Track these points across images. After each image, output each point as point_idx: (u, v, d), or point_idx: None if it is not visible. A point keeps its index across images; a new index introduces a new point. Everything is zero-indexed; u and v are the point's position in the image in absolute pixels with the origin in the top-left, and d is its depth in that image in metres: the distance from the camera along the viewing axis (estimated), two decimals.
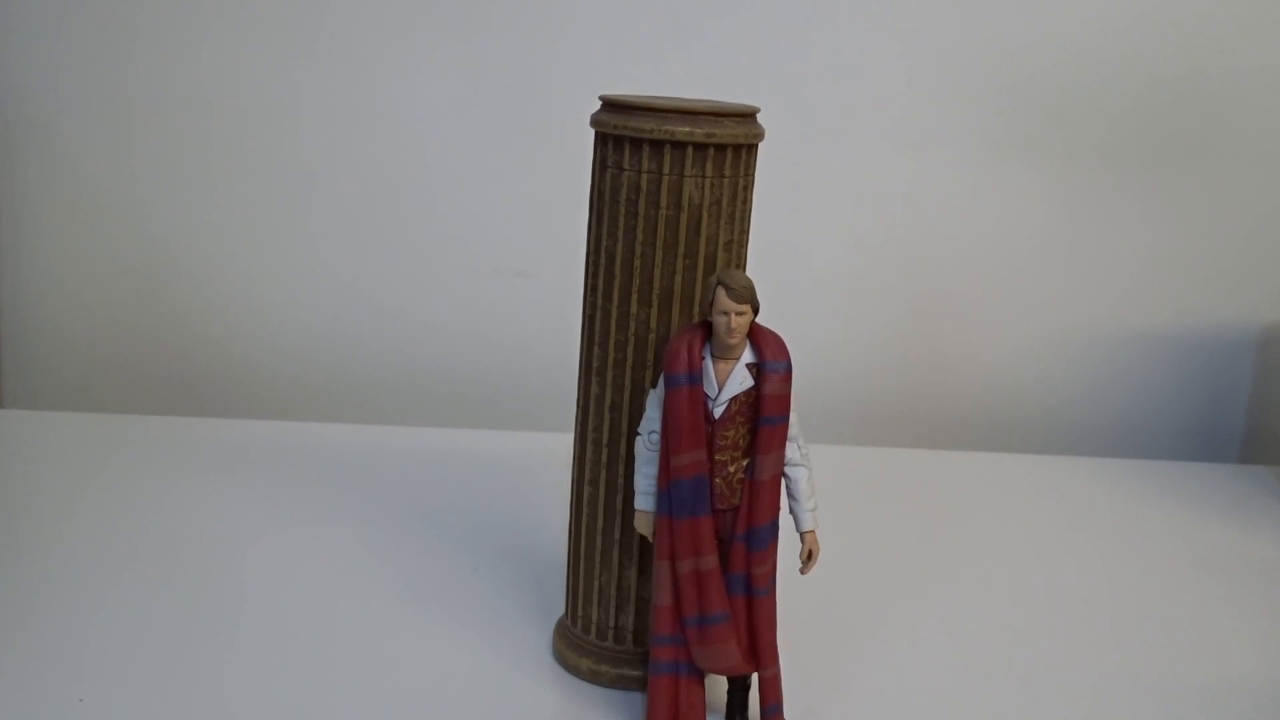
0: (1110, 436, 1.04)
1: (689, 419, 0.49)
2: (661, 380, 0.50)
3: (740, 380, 0.49)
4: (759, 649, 0.51)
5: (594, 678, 0.57)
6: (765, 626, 0.51)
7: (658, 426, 0.50)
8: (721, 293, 0.48)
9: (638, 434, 0.52)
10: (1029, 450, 1.02)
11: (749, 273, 0.51)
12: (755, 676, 0.53)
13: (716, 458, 0.49)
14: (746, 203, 0.54)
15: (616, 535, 0.55)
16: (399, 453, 0.87)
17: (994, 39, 0.96)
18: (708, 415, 0.49)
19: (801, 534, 0.52)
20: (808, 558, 0.52)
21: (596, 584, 0.56)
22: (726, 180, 0.52)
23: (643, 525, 0.52)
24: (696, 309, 0.53)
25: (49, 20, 0.92)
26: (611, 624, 0.56)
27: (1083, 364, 1.03)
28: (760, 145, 0.54)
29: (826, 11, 0.95)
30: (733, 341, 0.49)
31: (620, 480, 0.55)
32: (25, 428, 0.88)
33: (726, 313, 0.48)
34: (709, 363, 0.49)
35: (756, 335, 0.50)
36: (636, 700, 0.55)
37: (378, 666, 0.58)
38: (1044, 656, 0.63)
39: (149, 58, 0.93)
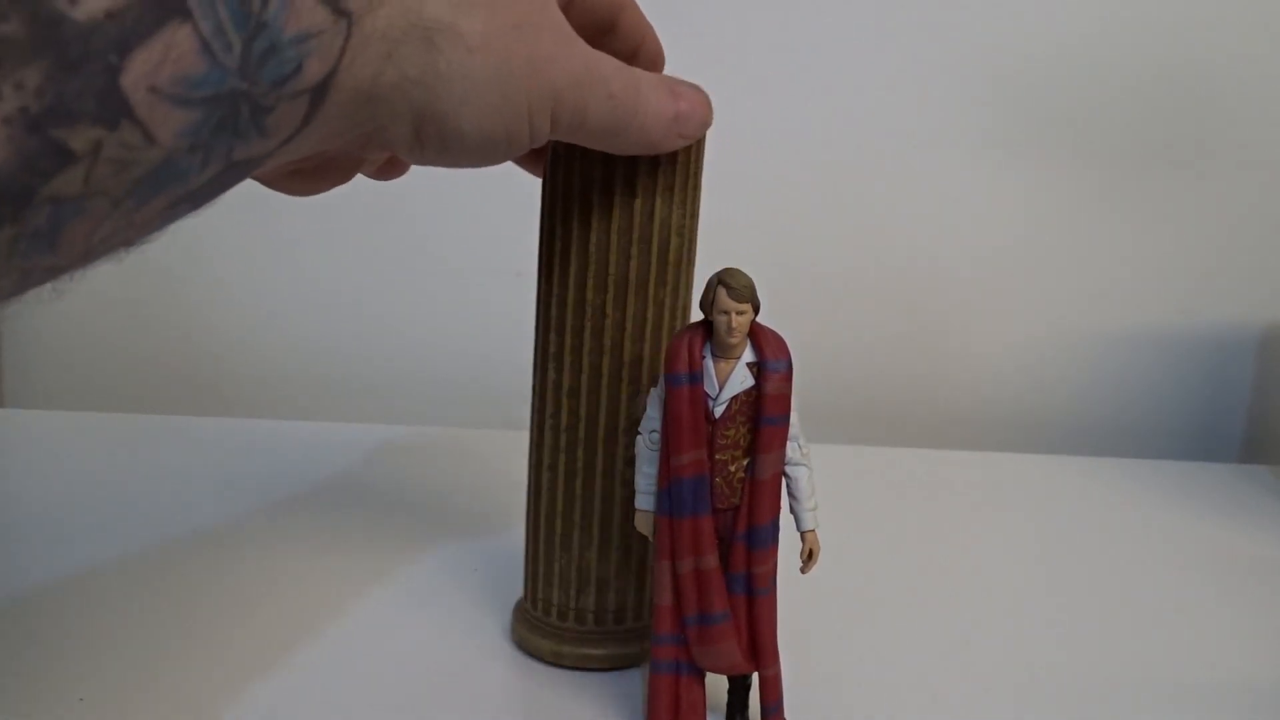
0: (1110, 436, 1.04)
1: (690, 418, 0.49)
2: (662, 379, 0.50)
3: (741, 379, 0.49)
4: (759, 648, 0.51)
5: (556, 659, 0.57)
6: (766, 626, 0.51)
7: (658, 425, 0.50)
8: (722, 291, 0.48)
9: (638, 433, 0.52)
10: (1029, 450, 1.02)
11: (750, 271, 0.50)
12: (755, 676, 0.53)
13: (717, 457, 0.49)
14: (697, 188, 0.54)
15: (576, 518, 0.56)
16: (400, 452, 0.87)
17: (997, 40, 0.96)
18: (708, 414, 0.49)
19: (802, 533, 0.52)
20: (808, 557, 0.52)
21: (556, 567, 0.57)
22: (678, 165, 0.52)
23: (643, 525, 0.52)
24: (651, 293, 0.53)
25: None
26: (572, 605, 0.57)
27: (1083, 364, 1.03)
28: (708, 132, 0.54)
29: (827, 13, 0.95)
30: (733, 341, 0.48)
31: (579, 464, 0.55)
32: (25, 427, 0.88)
33: (727, 312, 0.48)
34: (709, 362, 0.49)
35: (757, 334, 0.49)
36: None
37: (377, 666, 0.58)
38: (1043, 656, 0.63)
39: None
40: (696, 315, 0.56)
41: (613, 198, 0.52)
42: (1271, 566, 0.76)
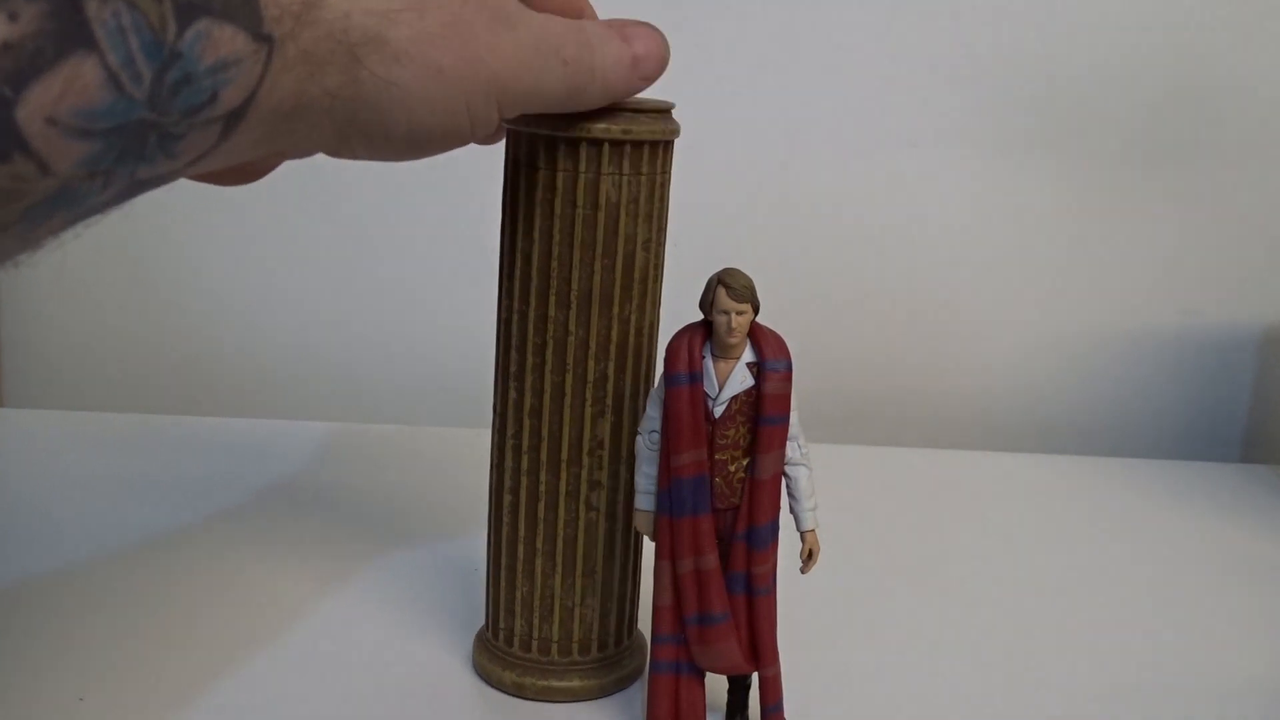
0: (1111, 436, 1.04)
1: (689, 418, 0.49)
2: (661, 379, 0.50)
3: (741, 379, 0.49)
4: (759, 648, 0.51)
5: (518, 690, 0.55)
6: (765, 626, 0.51)
7: (658, 426, 0.50)
8: (722, 291, 0.48)
9: (638, 433, 0.52)
10: (1029, 450, 1.02)
11: (750, 271, 0.50)
12: (755, 676, 0.52)
13: (717, 457, 0.49)
14: (664, 200, 0.53)
15: (539, 544, 0.54)
16: (401, 452, 0.87)
17: (999, 42, 0.96)
18: (708, 414, 0.49)
19: (802, 533, 0.52)
20: (808, 557, 0.52)
21: (519, 594, 0.55)
22: (644, 178, 0.51)
23: (643, 525, 0.52)
24: (616, 310, 0.52)
25: None
26: (535, 635, 0.55)
27: (1083, 364, 1.03)
28: (675, 142, 0.53)
29: (829, 13, 0.95)
30: (733, 341, 0.48)
31: (542, 488, 0.53)
32: (25, 427, 0.88)
33: (727, 312, 0.48)
34: (709, 362, 0.49)
35: (757, 334, 0.49)
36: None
37: (373, 667, 0.58)
38: (1044, 656, 0.63)
39: None
40: (664, 333, 0.56)
41: (575, 210, 0.50)
42: (1272, 566, 0.76)
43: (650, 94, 0.50)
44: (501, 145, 0.53)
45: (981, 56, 0.96)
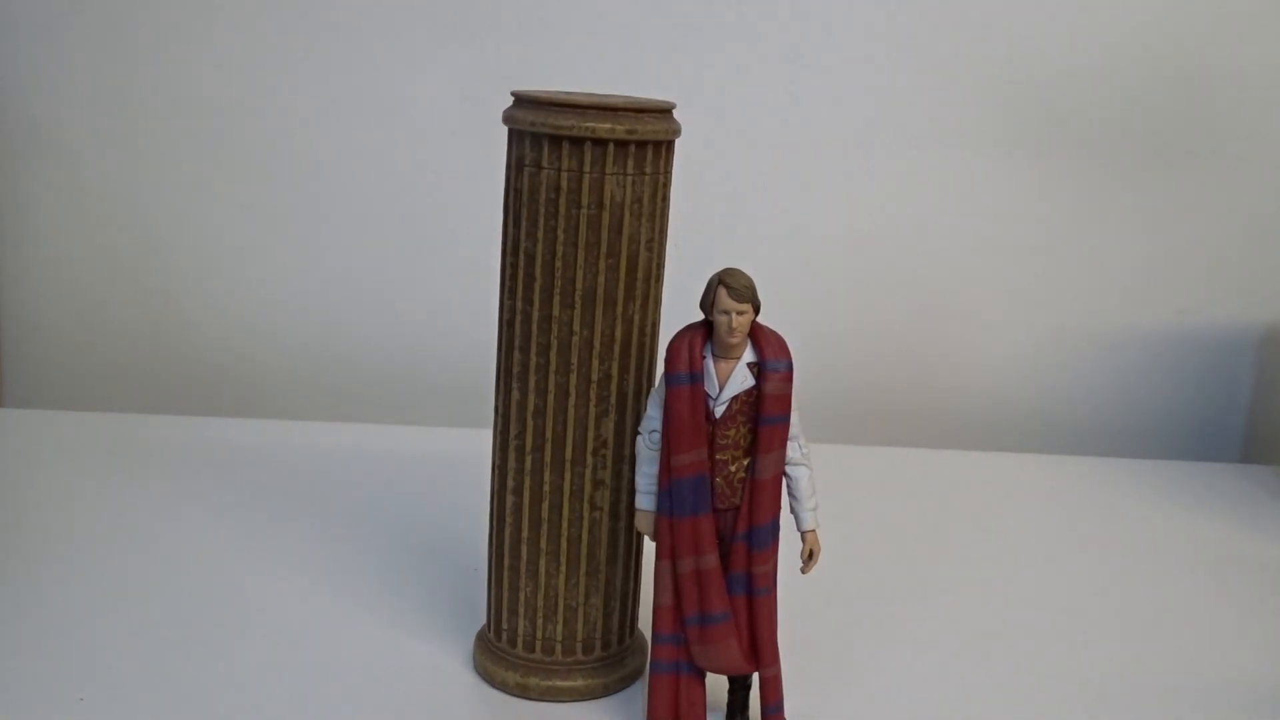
0: (1110, 436, 1.04)
1: (690, 418, 0.49)
2: (661, 379, 0.50)
3: (741, 379, 0.49)
4: (759, 648, 0.51)
5: (522, 691, 0.55)
6: (766, 626, 0.51)
7: (658, 425, 0.50)
8: (723, 291, 0.48)
9: (638, 433, 0.52)
10: (1029, 450, 1.02)
11: (751, 270, 0.50)
12: (756, 676, 0.53)
13: (717, 457, 0.49)
14: (666, 200, 0.53)
15: (543, 545, 0.54)
16: (402, 452, 0.87)
17: (995, 36, 0.96)
18: (709, 414, 0.49)
19: (802, 533, 0.52)
20: (808, 557, 0.52)
21: (522, 595, 0.55)
22: (647, 178, 0.51)
23: (644, 525, 0.52)
24: (620, 309, 0.52)
25: (51, 20, 0.92)
26: (539, 635, 0.55)
27: (1083, 364, 1.03)
28: (676, 141, 0.53)
29: (828, 7, 0.95)
30: (734, 341, 0.49)
31: (546, 488, 0.53)
32: (25, 427, 0.88)
33: (727, 312, 0.48)
34: (710, 362, 0.49)
35: (757, 334, 0.50)
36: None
37: (373, 668, 0.58)
38: (1044, 656, 0.63)
39: (152, 58, 0.93)
40: (664, 333, 0.56)
41: (580, 209, 0.50)
42: (1271, 566, 0.76)
43: (652, 94, 0.50)
44: (501, 144, 0.53)
45: (982, 55, 0.96)
